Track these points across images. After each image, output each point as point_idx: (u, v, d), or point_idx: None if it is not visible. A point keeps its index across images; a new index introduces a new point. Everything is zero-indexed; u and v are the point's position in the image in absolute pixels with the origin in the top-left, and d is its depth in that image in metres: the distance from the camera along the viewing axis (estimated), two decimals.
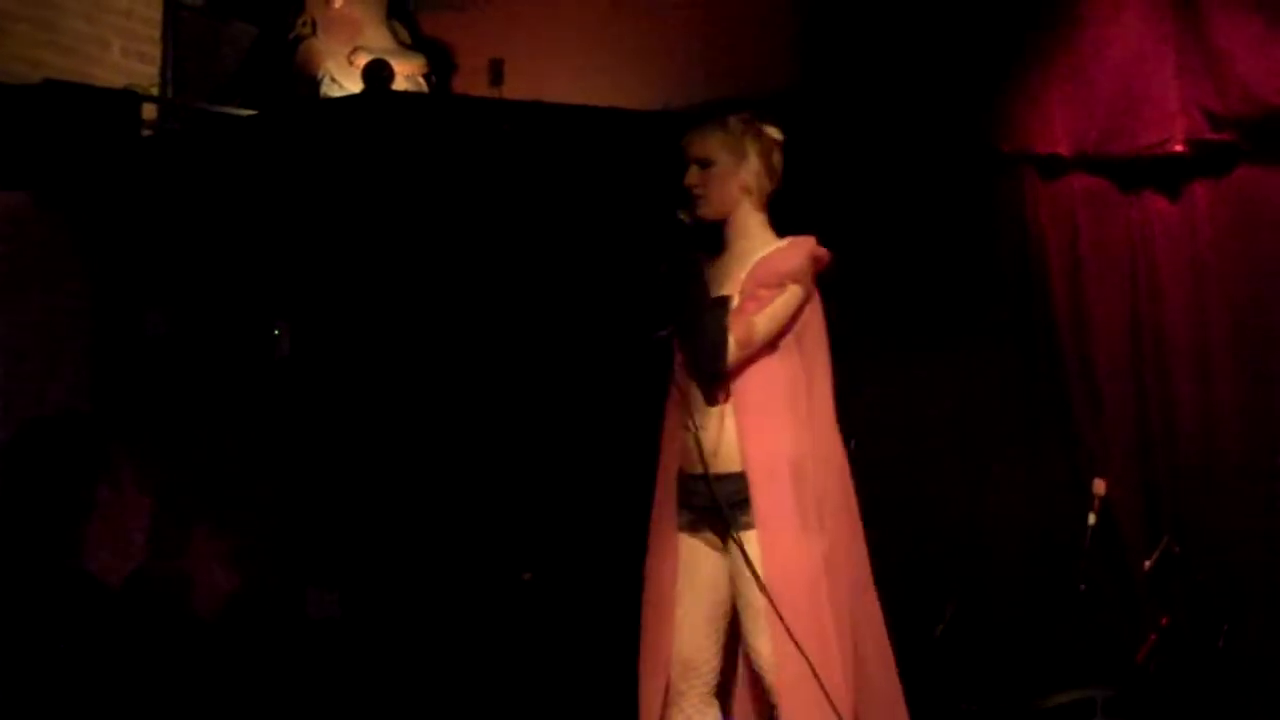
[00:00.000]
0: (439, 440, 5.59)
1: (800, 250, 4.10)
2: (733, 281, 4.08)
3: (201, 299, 5.96)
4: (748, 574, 3.90)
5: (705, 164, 4.12)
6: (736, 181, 4.13)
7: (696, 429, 3.97)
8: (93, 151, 6.04)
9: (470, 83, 6.75)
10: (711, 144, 4.13)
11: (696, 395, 4.03)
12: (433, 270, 5.76)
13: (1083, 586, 5.41)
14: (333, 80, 6.69)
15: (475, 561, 5.51)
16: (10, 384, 5.50)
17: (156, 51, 6.78)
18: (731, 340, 3.96)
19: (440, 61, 6.94)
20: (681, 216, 4.07)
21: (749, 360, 3.99)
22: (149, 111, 6.53)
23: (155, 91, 6.67)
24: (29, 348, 5.70)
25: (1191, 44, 5.56)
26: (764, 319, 4.01)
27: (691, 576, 4.04)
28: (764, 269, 4.06)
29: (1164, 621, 5.43)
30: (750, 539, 3.92)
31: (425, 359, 5.67)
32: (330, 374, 5.71)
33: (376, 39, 6.83)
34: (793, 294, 4.04)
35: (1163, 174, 5.75)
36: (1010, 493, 5.77)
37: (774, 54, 6.24)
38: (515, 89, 6.46)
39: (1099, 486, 5.51)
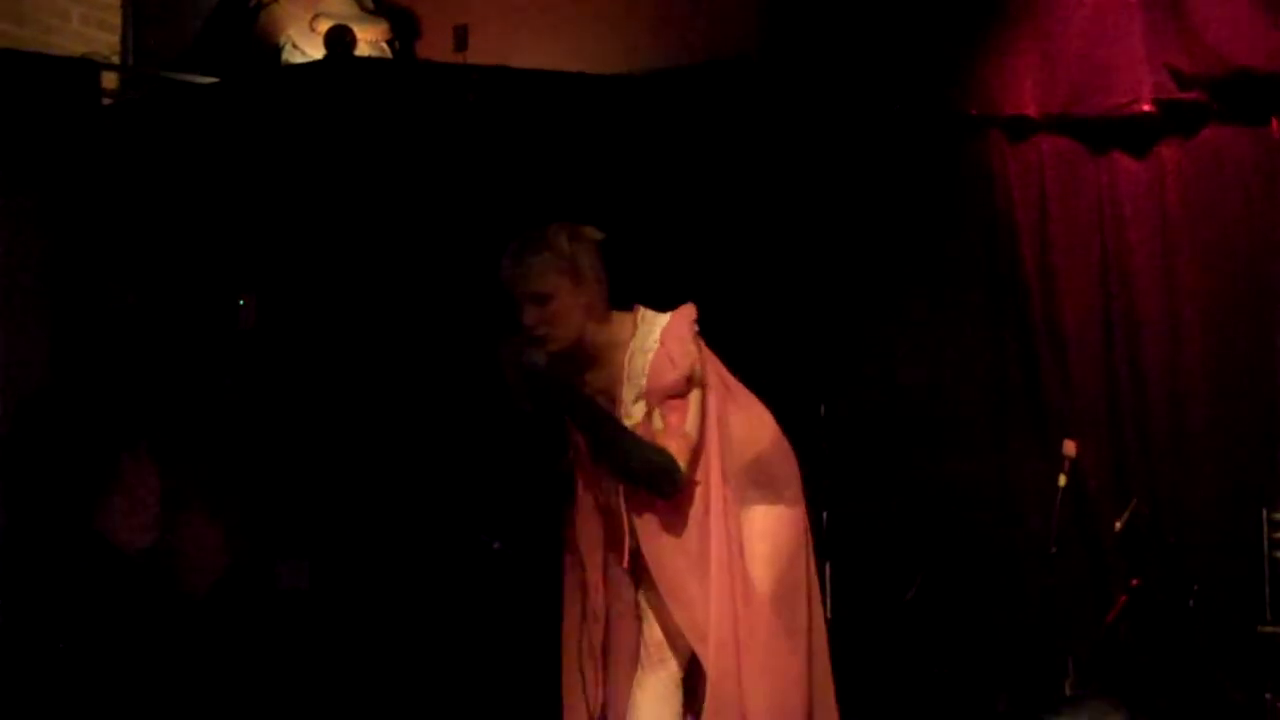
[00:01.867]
0: (406, 410, 5.55)
1: (686, 353, 3.83)
2: (626, 396, 3.88)
3: (164, 270, 5.90)
4: None
5: (542, 299, 3.78)
6: (579, 306, 3.80)
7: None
8: (52, 121, 5.97)
9: (434, 48, 6.69)
10: (543, 277, 3.77)
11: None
12: (397, 239, 5.71)
13: (1053, 548, 5.41)
14: (294, 47, 6.63)
15: (444, 532, 5.48)
16: None
17: (116, 19, 6.71)
18: (680, 462, 3.77)
19: (404, 27, 6.87)
20: (535, 359, 3.76)
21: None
22: (109, 80, 6.46)
23: (115, 60, 6.59)
24: None
25: (1160, 3, 5.55)
26: (692, 424, 3.81)
27: None
28: (662, 381, 3.81)
29: (1134, 582, 5.44)
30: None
31: (391, 329, 5.63)
32: (296, 345, 5.66)
33: (338, 4, 6.76)
34: (697, 380, 3.84)
35: (1131, 134, 5.74)
36: (980, 455, 5.77)
37: (737, 17, 6.19)
38: (479, 54, 6.40)
39: (1069, 448, 5.50)
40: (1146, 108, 5.62)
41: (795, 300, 5.84)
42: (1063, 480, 5.48)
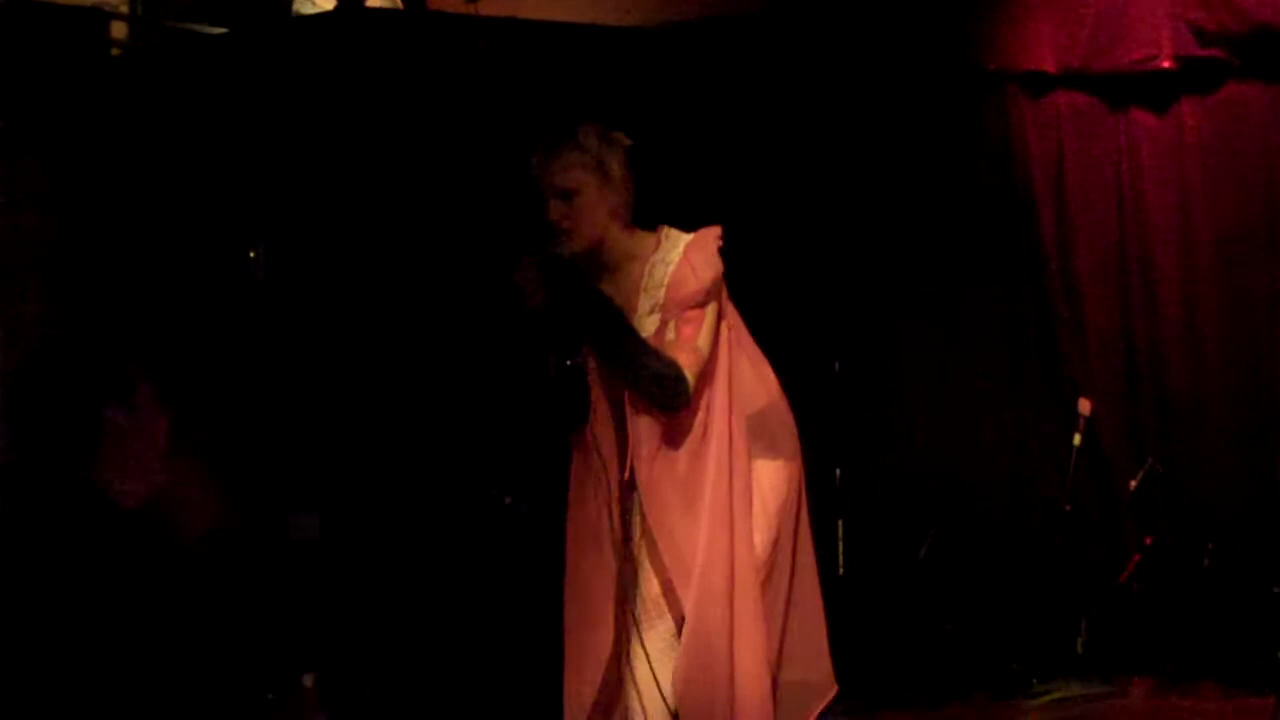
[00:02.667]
0: (418, 362, 5.53)
1: (709, 263, 3.77)
2: (641, 307, 3.81)
3: (174, 222, 5.86)
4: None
5: (568, 195, 3.74)
6: (604, 206, 3.75)
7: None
8: (60, 72, 5.92)
9: (445, 0, 6.63)
10: (571, 171, 3.73)
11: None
12: (408, 188, 5.68)
13: (1067, 507, 5.39)
14: None
15: (456, 486, 5.46)
16: None
17: None
18: (689, 375, 3.70)
19: None
20: (559, 249, 3.71)
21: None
22: (118, 30, 6.40)
23: (124, 10, 6.53)
24: (3, 266, 5.62)
25: None
26: (705, 339, 3.74)
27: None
28: (681, 292, 3.76)
29: (1148, 541, 5.43)
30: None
31: (403, 278, 5.60)
32: (307, 297, 5.63)
33: None
34: (715, 296, 3.77)
35: (1149, 91, 5.71)
36: (995, 413, 5.75)
37: None
38: (490, 6, 6.35)
39: (1084, 406, 5.49)
40: (1166, 64, 5.59)
41: (809, 257, 5.80)
42: (1078, 439, 5.48)
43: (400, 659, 5.30)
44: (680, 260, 3.77)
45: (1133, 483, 5.49)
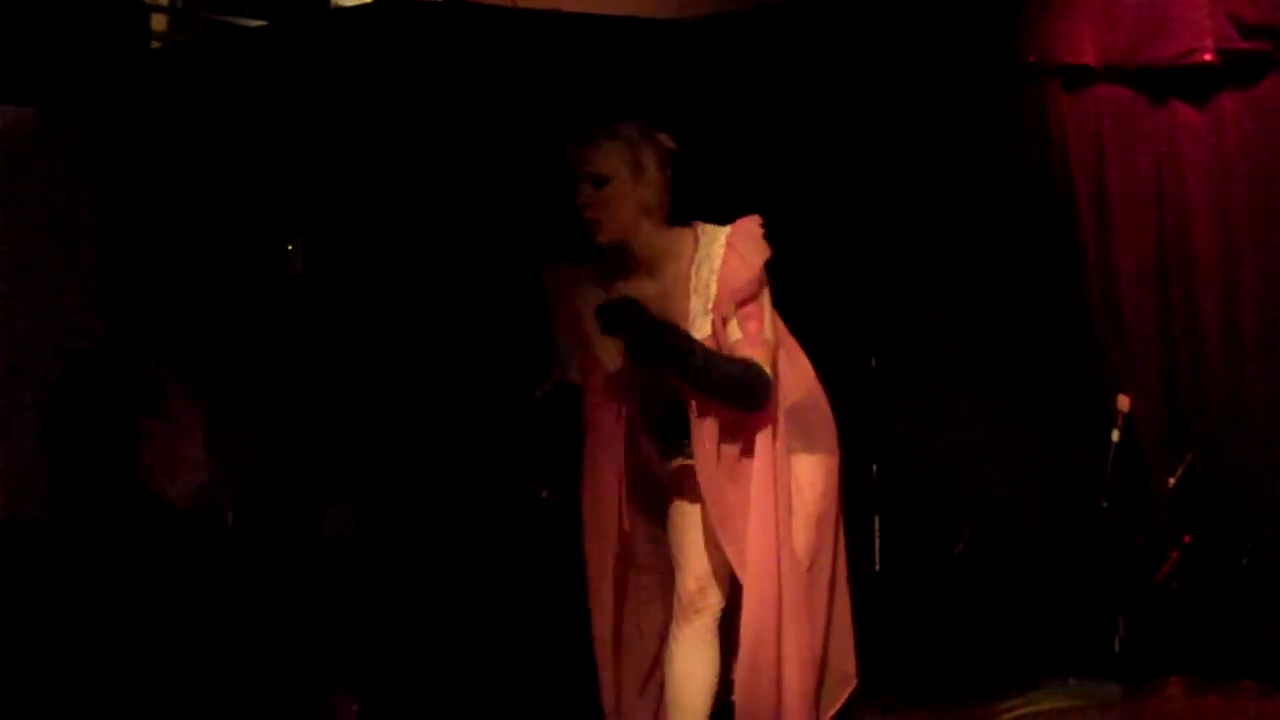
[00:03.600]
0: (454, 357, 5.53)
1: (758, 249, 3.79)
2: (694, 308, 3.81)
3: (213, 216, 5.89)
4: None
5: (599, 181, 3.73)
6: (635, 200, 3.74)
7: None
8: (100, 64, 5.95)
9: None
10: (605, 158, 3.73)
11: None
12: (446, 181, 5.68)
13: (1105, 504, 5.36)
14: None
15: (490, 478, 5.47)
16: (15, 301, 5.46)
17: None
18: (766, 370, 3.74)
19: None
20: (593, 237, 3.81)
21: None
22: (158, 23, 6.43)
23: (164, 2, 6.56)
24: (34, 263, 5.65)
25: None
26: (769, 329, 3.80)
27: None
28: (735, 283, 3.75)
29: (1186, 539, 5.39)
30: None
31: (440, 271, 5.61)
32: (344, 290, 5.65)
33: None
34: (767, 283, 3.82)
35: (1191, 84, 5.64)
36: (1032, 409, 5.71)
37: None
38: None
39: (1123, 403, 5.45)
40: (1208, 57, 5.52)
41: (846, 251, 5.77)
42: (1116, 435, 5.43)
43: (434, 653, 5.32)
44: (726, 252, 3.78)
45: (1171, 480, 5.44)
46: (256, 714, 2.64)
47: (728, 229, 3.83)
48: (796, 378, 3.97)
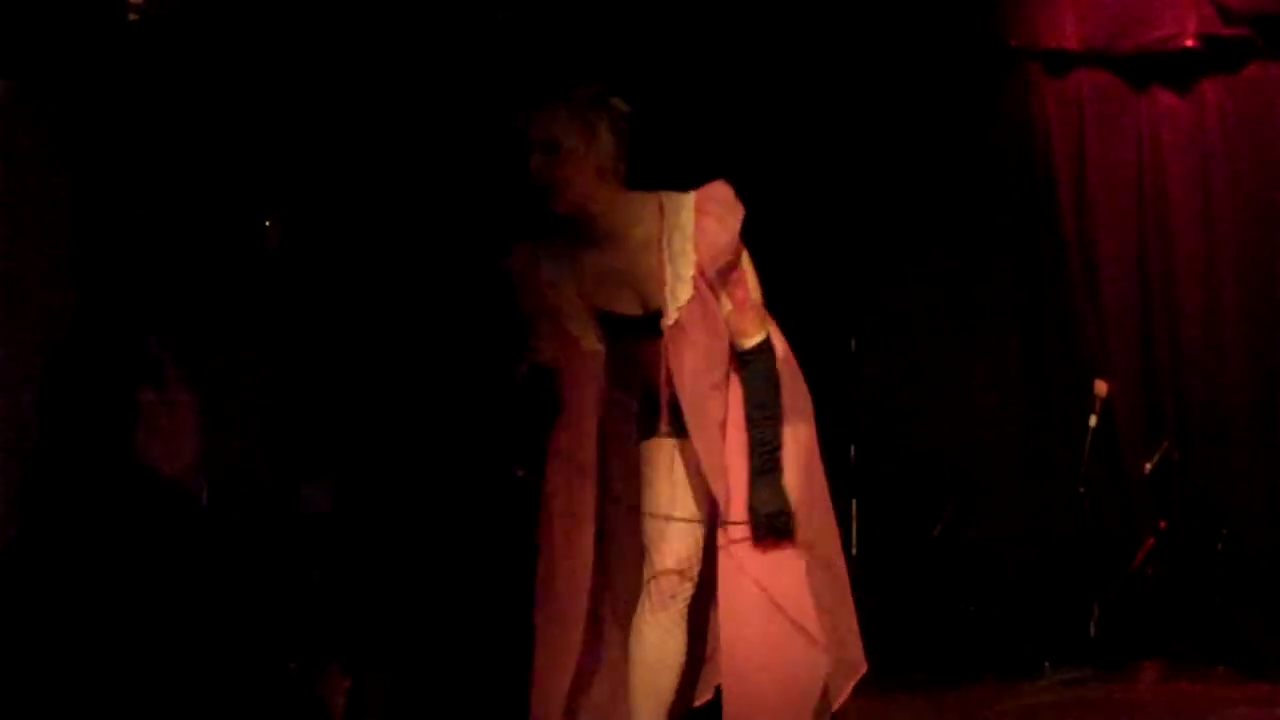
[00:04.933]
0: (432, 334, 5.51)
1: (731, 209, 3.74)
2: (669, 278, 3.75)
3: (189, 191, 5.84)
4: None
5: (550, 148, 3.66)
6: (590, 166, 3.67)
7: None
8: (75, 36, 5.90)
9: None
10: (555, 125, 3.66)
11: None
12: (425, 158, 5.65)
13: (1081, 488, 5.37)
14: None
15: (468, 457, 5.45)
16: None
17: None
18: (761, 330, 3.78)
19: None
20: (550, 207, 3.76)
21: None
22: None
23: None
24: (16, 236, 5.60)
25: None
26: (755, 289, 3.79)
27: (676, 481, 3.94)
28: (715, 247, 3.71)
29: (1162, 525, 5.40)
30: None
31: (419, 249, 5.58)
32: (322, 266, 5.61)
33: None
34: (741, 247, 3.78)
35: (1173, 70, 5.65)
36: (1011, 393, 5.71)
37: None
38: None
39: (1100, 388, 5.46)
40: (1190, 43, 5.53)
41: (825, 234, 5.76)
42: (1093, 420, 5.44)
43: (412, 634, 5.30)
44: (698, 217, 3.72)
45: (1148, 466, 5.46)
46: (247, 689, 2.62)
47: (693, 195, 3.76)
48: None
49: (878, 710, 4.78)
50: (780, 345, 3.91)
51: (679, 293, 3.73)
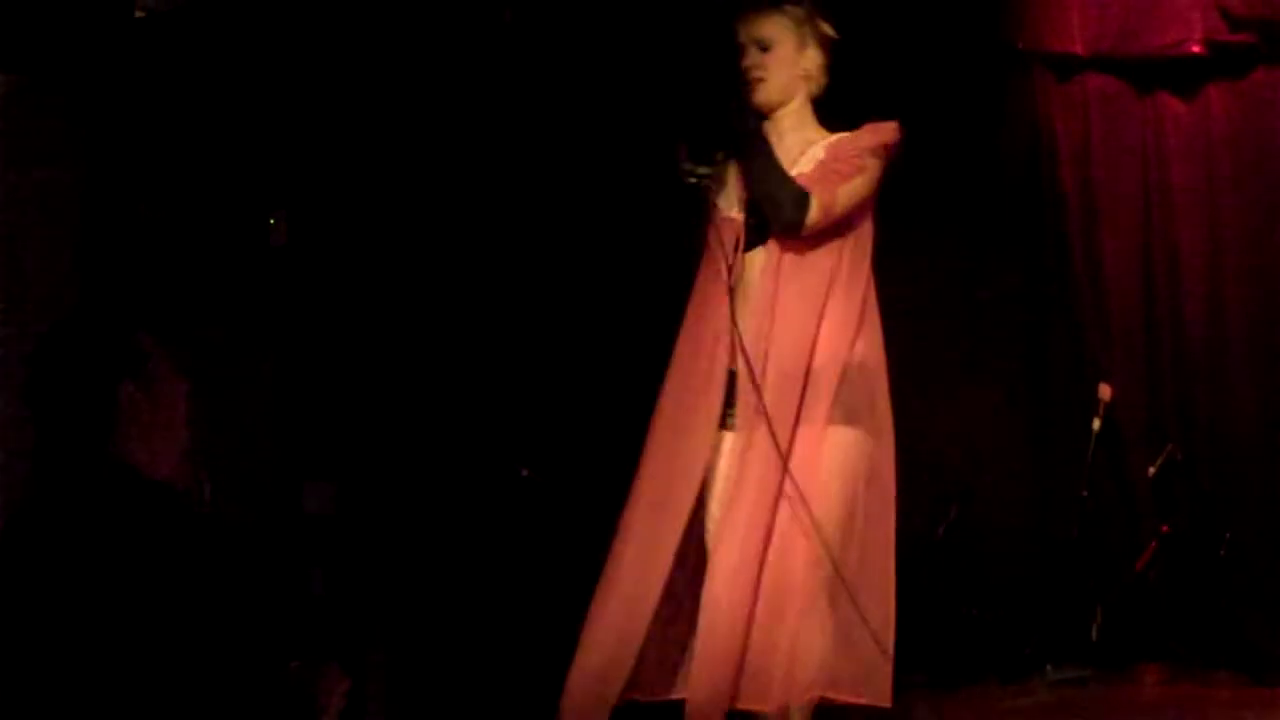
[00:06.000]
0: (437, 334, 5.51)
1: (885, 132, 3.93)
2: (797, 165, 3.89)
3: (197, 185, 5.85)
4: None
5: (765, 46, 3.90)
6: (798, 67, 3.92)
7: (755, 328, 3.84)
8: (83, 32, 5.90)
9: None
10: (773, 26, 3.92)
11: (742, 292, 3.87)
12: (432, 157, 5.65)
13: (1085, 492, 5.37)
14: None
15: (472, 457, 5.45)
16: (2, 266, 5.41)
17: None
18: (815, 202, 3.80)
19: None
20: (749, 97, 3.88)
21: (800, 249, 3.88)
22: None
23: None
24: (21, 231, 5.60)
25: None
26: (845, 191, 3.86)
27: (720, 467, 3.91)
28: (845, 144, 3.89)
29: (1165, 529, 5.40)
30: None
31: (424, 249, 5.58)
32: (328, 264, 5.61)
33: None
34: (872, 172, 3.90)
35: (1178, 75, 5.66)
36: (1015, 395, 5.72)
37: None
38: None
39: (1104, 392, 5.46)
40: (1196, 49, 5.54)
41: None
42: (1097, 424, 5.44)
43: (416, 634, 5.30)
44: (847, 134, 3.93)
45: (1151, 469, 5.46)
46: (245, 689, 2.62)
47: (886, 125, 3.95)
48: (864, 348, 3.98)
49: (879, 711, 4.77)
50: (873, 353, 3.97)
51: (801, 163, 3.86)
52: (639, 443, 4.47)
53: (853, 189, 3.87)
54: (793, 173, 3.86)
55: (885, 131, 3.91)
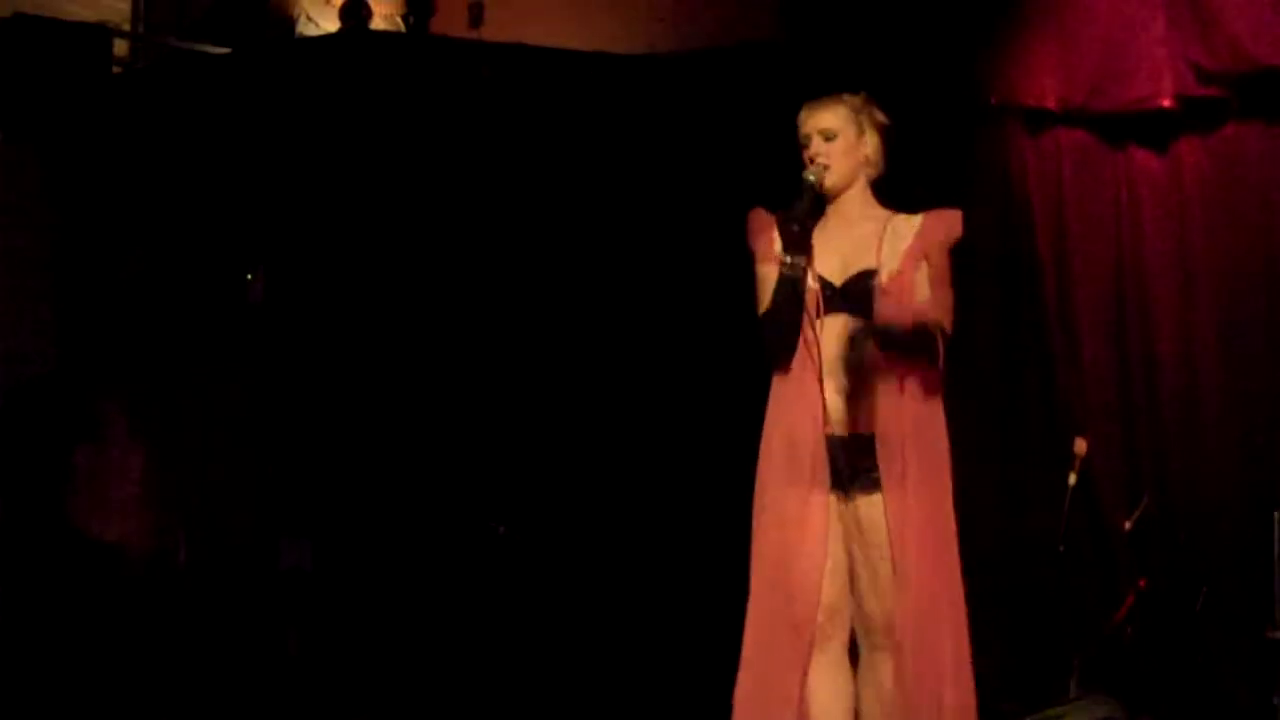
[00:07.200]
0: (413, 390, 5.52)
1: (955, 225, 4.18)
2: (879, 259, 4.10)
3: (173, 242, 5.86)
4: (871, 536, 4.03)
5: (829, 136, 4.17)
6: (859, 154, 4.20)
7: (841, 390, 4.03)
8: (63, 88, 5.93)
9: (449, 24, 6.64)
10: (835, 117, 4.19)
11: (837, 360, 4.03)
12: (408, 215, 5.67)
13: (1062, 547, 5.37)
14: (309, 19, 6.57)
15: (449, 514, 5.45)
16: None
17: None
18: (942, 333, 4.05)
19: (418, 2, 6.82)
20: (809, 178, 4.07)
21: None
22: (120, 48, 6.41)
23: (126, 27, 6.54)
24: None
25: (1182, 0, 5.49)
26: (946, 291, 4.12)
27: (829, 530, 4.07)
28: (934, 236, 4.13)
29: (1142, 583, 5.40)
30: (862, 501, 4.05)
31: (401, 306, 5.60)
32: (304, 321, 5.63)
33: None
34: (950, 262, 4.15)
35: (1150, 130, 5.68)
36: (990, 450, 5.72)
37: (756, 2, 6.14)
38: (494, 32, 6.35)
39: (1079, 446, 5.46)
40: (1166, 103, 5.56)
41: None
42: (1073, 478, 5.44)
43: (392, 684, 5.29)
44: (924, 218, 4.18)
45: (1128, 523, 5.46)
46: None
47: (922, 216, 4.19)
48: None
49: None
50: (931, 413, 4.15)
51: (889, 261, 4.09)
52: (613, 501, 4.48)
53: (949, 282, 4.15)
54: (879, 262, 4.08)
55: (956, 225, 4.17)
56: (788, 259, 4.02)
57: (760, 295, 4.20)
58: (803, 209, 4.02)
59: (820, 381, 4.03)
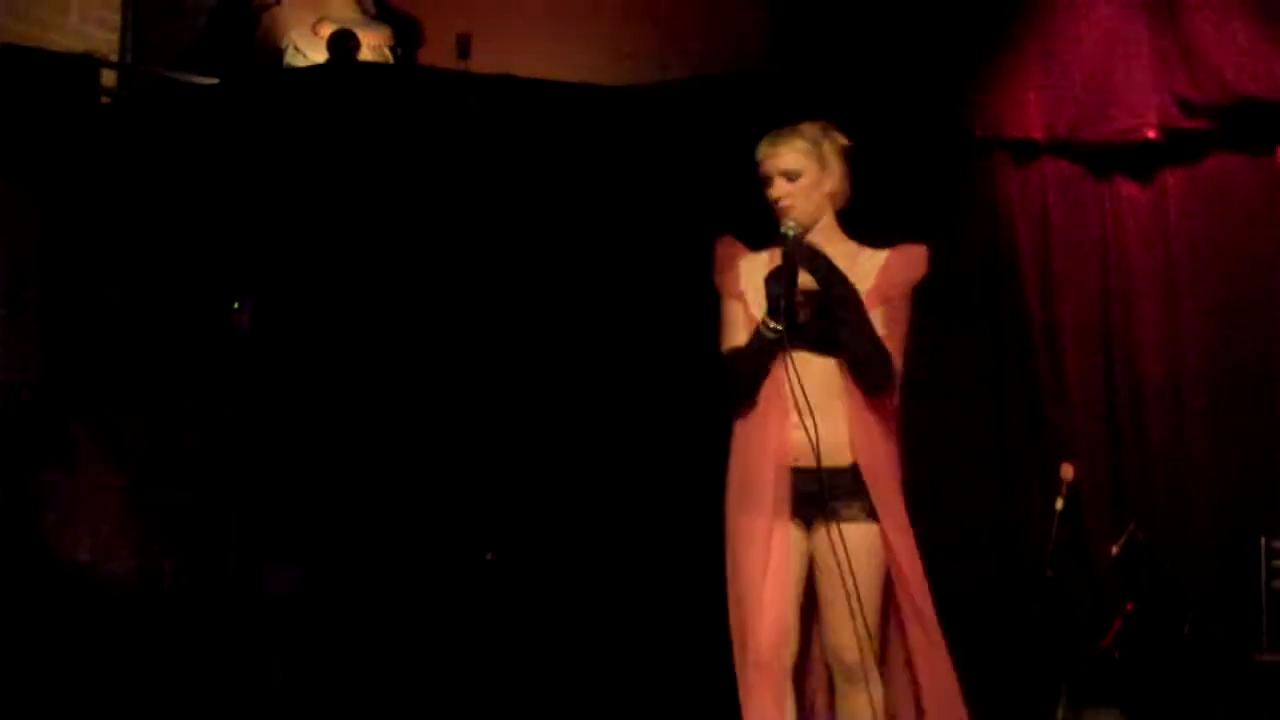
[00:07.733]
0: (400, 416, 5.51)
1: (920, 263, 4.22)
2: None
3: (160, 272, 5.85)
4: (836, 566, 4.02)
5: (792, 176, 4.15)
6: (824, 188, 4.18)
7: (809, 426, 4.00)
8: (49, 118, 5.93)
9: (437, 56, 6.66)
10: (795, 155, 4.17)
11: (806, 393, 4.02)
12: (395, 245, 5.68)
13: (1049, 572, 5.38)
14: (296, 50, 6.59)
15: (436, 540, 5.44)
16: None
17: (116, 17, 6.67)
18: (894, 361, 4.12)
19: (407, 34, 6.85)
20: (789, 233, 4.07)
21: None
22: (107, 78, 6.42)
23: (114, 58, 6.55)
24: None
25: (1167, 31, 5.54)
26: (900, 337, 4.17)
27: (787, 562, 4.07)
28: (894, 276, 4.15)
29: (1129, 608, 5.41)
30: (850, 531, 4.05)
31: (387, 334, 5.60)
32: (291, 350, 5.62)
33: (342, 9, 6.72)
34: (910, 303, 4.18)
35: (1135, 161, 5.73)
36: (977, 477, 5.73)
37: (745, 31, 6.17)
38: (482, 64, 6.37)
39: (1066, 471, 5.48)
40: (1151, 134, 5.61)
41: None
42: (1060, 503, 5.46)
43: (378, 711, 5.27)
44: (892, 252, 4.21)
45: (1114, 548, 5.48)
46: None
47: (888, 251, 4.23)
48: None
49: None
50: (896, 446, 4.25)
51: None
52: (602, 528, 4.48)
53: (906, 322, 4.19)
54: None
55: (920, 263, 4.21)
56: (770, 324, 4.01)
57: (725, 332, 4.19)
58: (789, 274, 4.00)
59: (786, 416, 4.01)
